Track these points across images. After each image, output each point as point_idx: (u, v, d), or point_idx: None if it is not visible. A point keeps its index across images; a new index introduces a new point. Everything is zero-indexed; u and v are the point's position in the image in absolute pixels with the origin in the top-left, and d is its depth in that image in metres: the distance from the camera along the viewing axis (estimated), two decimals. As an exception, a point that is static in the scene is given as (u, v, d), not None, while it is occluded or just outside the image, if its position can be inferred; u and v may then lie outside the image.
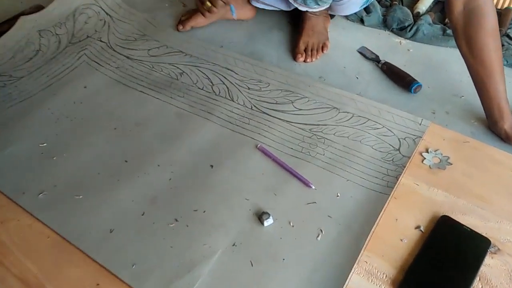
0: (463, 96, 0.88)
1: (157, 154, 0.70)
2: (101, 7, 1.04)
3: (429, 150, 0.69)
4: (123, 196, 0.63)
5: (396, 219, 0.60)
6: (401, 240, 0.58)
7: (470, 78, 0.79)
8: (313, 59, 0.95)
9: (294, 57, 0.95)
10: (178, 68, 0.87)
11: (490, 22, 0.71)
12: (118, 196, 0.63)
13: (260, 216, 0.59)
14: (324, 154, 0.69)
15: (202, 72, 0.86)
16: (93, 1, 1.03)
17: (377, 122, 0.74)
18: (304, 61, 0.94)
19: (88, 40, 0.95)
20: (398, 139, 0.71)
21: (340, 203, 0.62)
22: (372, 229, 0.58)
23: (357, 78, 0.92)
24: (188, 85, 0.83)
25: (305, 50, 0.94)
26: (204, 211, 0.61)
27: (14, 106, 0.79)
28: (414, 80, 0.86)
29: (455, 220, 0.58)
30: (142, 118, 0.76)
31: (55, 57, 0.90)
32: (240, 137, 0.72)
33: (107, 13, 1.03)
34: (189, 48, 0.92)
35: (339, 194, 0.63)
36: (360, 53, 0.99)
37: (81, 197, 0.63)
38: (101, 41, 0.95)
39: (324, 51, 0.95)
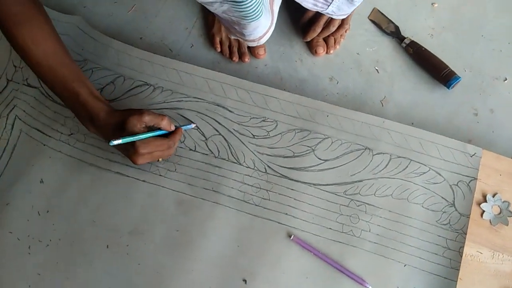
0: (506, 79, 0.71)
1: (169, 276, 0.55)
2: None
3: (487, 198, 0.58)
4: None
5: (465, 309, 0.53)
6: (473, 333, 0.53)
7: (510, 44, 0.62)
8: (337, 47, 0.72)
9: (312, 49, 0.72)
10: (151, 117, 0.64)
11: None
12: None
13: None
14: (370, 231, 0.57)
15: (186, 118, 0.64)
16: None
17: (421, 163, 0.60)
18: (327, 53, 0.71)
19: (11, 87, 0.67)
20: (450, 186, 0.59)
21: (402, 301, 0.54)
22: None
23: (377, 71, 0.72)
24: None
25: (323, 37, 0.70)
26: None
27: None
28: (453, 74, 0.68)
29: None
30: (135, 221, 0.58)
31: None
32: (264, 224, 0.57)
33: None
34: (154, 73, 0.66)
35: (399, 290, 0.54)
36: (374, 22, 0.75)
37: None
38: (29, 85, 0.67)
39: (347, 29, 0.71)
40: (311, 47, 0.72)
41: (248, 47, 0.72)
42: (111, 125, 0.53)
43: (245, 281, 0.55)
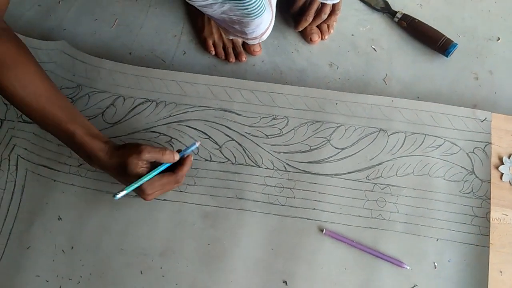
0: (499, 39, 0.72)
1: None
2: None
3: (503, 160, 0.59)
4: None
5: (501, 272, 0.55)
6: (512, 293, 0.54)
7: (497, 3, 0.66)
8: (331, 31, 0.71)
9: (306, 38, 0.70)
10: (160, 133, 0.62)
11: None
12: None
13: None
14: (398, 211, 0.57)
15: (195, 129, 0.62)
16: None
17: (435, 136, 0.60)
18: (322, 39, 0.70)
19: (6, 127, 0.63)
20: (467, 154, 0.59)
21: (441, 275, 0.54)
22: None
23: (374, 49, 0.71)
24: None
25: (315, 25, 0.69)
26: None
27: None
28: (450, 42, 0.68)
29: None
30: (164, 242, 0.56)
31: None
32: (294, 223, 0.57)
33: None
34: (153, 88, 0.64)
35: (436, 264, 0.55)
36: (363, 1, 0.74)
37: None
38: (24, 121, 0.63)
39: (338, 14, 0.70)
40: (305, 35, 0.71)
41: (243, 45, 0.70)
42: (113, 166, 0.50)
43: (285, 282, 0.55)
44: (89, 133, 0.50)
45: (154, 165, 0.51)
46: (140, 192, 0.50)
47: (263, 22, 0.55)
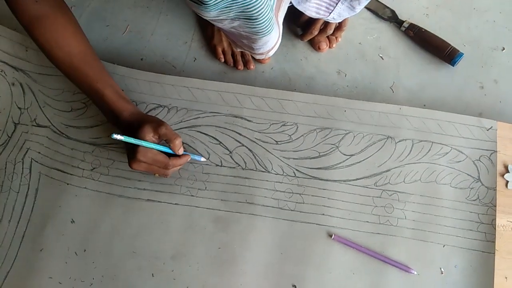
0: (504, 49, 0.73)
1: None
2: (1, 61, 0.66)
3: (509, 168, 0.60)
4: None
5: (506, 278, 0.55)
6: (517, 299, 0.55)
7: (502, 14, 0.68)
8: (339, 39, 0.72)
9: (314, 46, 0.71)
10: (171, 139, 0.63)
11: None
12: None
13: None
14: (406, 218, 0.58)
15: (206, 134, 0.63)
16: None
17: (442, 144, 0.61)
18: (330, 47, 0.71)
19: (20, 130, 0.64)
20: (473, 162, 0.60)
21: (447, 280, 0.55)
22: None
23: (382, 58, 0.72)
24: (200, 165, 0.61)
25: (321, 36, 0.70)
26: None
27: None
28: (456, 51, 0.68)
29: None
30: (175, 245, 0.57)
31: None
32: (304, 228, 0.57)
33: (17, 68, 0.67)
34: (165, 94, 0.65)
35: (442, 270, 0.55)
36: (370, 10, 0.75)
37: None
38: (38, 125, 0.64)
39: (344, 30, 0.70)
40: (313, 44, 0.72)
41: None
42: (130, 124, 0.53)
43: (294, 286, 0.55)
44: (118, 93, 0.55)
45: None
46: (132, 154, 0.52)
47: (271, 40, 0.56)
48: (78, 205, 0.59)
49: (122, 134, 0.50)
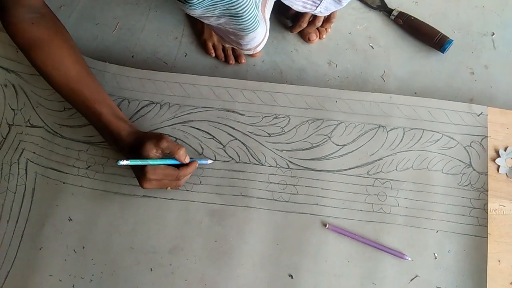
0: (494, 34, 0.72)
1: (217, 286, 0.55)
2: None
3: (499, 152, 0.60)
4: None
5: (499, 261, 0.56)
6: None
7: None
8: (328, 30, 0.71)
9: (304, 37, 0.71)
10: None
11: None
12: None
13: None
14: (399, 205, 0.58)
15: (199, 129, 0.62)
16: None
17: (433, 131, 0.61)
18: (320, 38, 0.71)
19: (15, 131, 0.64)
20: (464, 148, 0.60)
21: (441, 265, 0.55)
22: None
23: (372, 47, 0.72)
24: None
25: (310, 29, 0.69)
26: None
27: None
28: (446, 38, 0.68)
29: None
30: (172, 240, 0.57)
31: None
32: (298, 218, 0.58)
33: (8, 70, 0.66)
34: (157, 91, 0.64)
35: (436, 255, 0.56)
36: None
37: None
38: (32, 126, 0.64)
39: (333, 22, 0.70)
40: (303, 35, 0.71)
41: None
42: (131, 145, 0.53)
43: (291, 276, 0.56)
44: (115, 114, 0.54)
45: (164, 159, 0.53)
46: (141, 174, 0.52)
47: (258, 36, 0.55)
48: (75, 203, 0.59)
49: (126, 159, 0.49)
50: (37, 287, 0.56)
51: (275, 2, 0.61)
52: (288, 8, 0.68)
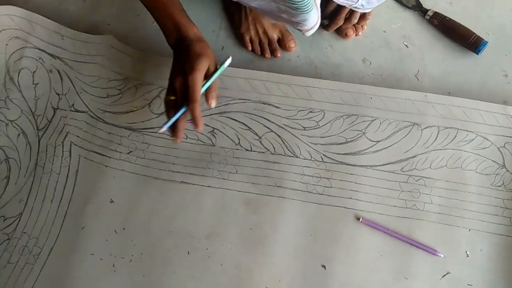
0: (529, 36, 0.70)
1: (251, 272, 0.55)
2: (39, 48, 0.66)
3: (534, 154, 0.58)
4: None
5: (531, 261, 0.54)
6: (541, 281, 0.54)
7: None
8: (364, 27, 0.70)
9: (341, 33, 0.69)
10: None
11: None
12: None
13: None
14: (432, 202, 0.57)
15: (236, 120, 0.62)
16: (21, 43, 0.65)
17: (468, 131, 0.60)
18: (356, 35, 0.69)
19: (59, 115, 0.64)
20: (498, 149, 0.59)
21: (473, 263, 0.54)
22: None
23: (406, 46, 0.70)
24: (231, 149, 0.61)
25: (346, 26, 0.68)
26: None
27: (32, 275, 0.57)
28: (481, 39, 0.66)
29: None
30: (209, 225, 0.57)
31: (36, 170, 0.61)
32: (332, 211, 0.57)
33: (54, 56, 0.67)
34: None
35: (468, 253, 0.55)
36: (393, -2, 0.73)
37: None
38: (76, 110, 0.64)
39: (368, 19, 0.68)
40: (340, 31, 0.70)
41: (278, 42, 0.70)
42: (191, 43, 0.53)
43: (324, 266, 0.55)
44: (187, 16, 0.56)
45: (183, 98, 0.52)
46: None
47: (310, 18, 0.54)
48: (116, 186, 0.60)
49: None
50: (78, 265, 0.57)
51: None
52: (325, 4, 0.67)
